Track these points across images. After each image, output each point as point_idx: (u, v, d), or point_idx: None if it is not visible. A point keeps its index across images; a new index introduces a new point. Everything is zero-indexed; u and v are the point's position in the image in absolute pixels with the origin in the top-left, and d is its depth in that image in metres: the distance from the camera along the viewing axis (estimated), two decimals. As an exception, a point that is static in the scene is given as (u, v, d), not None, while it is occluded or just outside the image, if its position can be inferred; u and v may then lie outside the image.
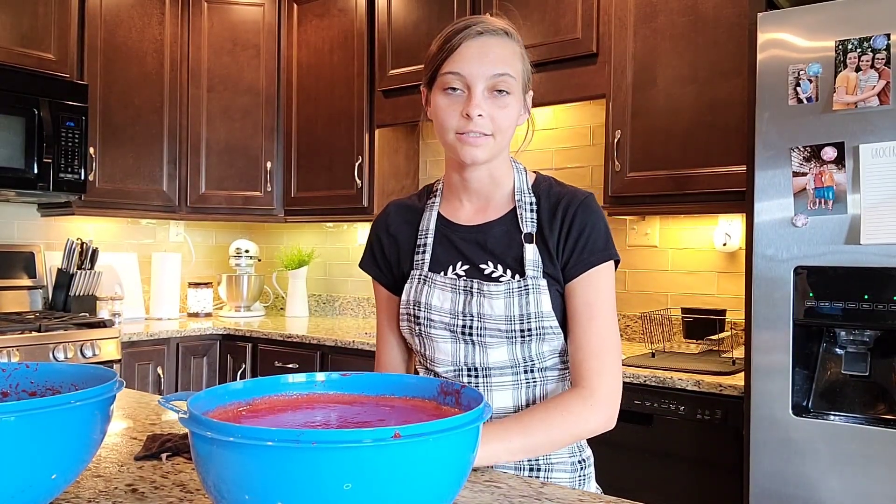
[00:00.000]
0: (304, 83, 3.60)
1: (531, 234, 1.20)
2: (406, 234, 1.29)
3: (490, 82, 1.15)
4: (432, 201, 1.29)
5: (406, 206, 1.32)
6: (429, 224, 1.27)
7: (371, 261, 1.33)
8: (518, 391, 1.21)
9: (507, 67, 1.16)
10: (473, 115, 1.13)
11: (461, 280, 1.20)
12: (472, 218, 1.25)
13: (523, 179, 1.26)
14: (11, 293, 3.24)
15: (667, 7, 2.49)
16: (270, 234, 4.30)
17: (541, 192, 1.24)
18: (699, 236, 2.81)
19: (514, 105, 1.18)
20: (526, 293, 1.17)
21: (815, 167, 1.84)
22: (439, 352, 1.22)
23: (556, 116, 3.14)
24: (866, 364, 1.85)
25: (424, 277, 1.23)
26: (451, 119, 1.16)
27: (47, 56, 3.10)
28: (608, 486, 1.45)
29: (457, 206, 1.27)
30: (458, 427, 0.75)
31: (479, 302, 1.18)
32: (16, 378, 1.03)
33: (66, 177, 3.08)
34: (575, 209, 1.20)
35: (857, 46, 1.79)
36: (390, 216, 1.32)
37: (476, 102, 1.13)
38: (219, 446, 0.71)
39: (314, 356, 3.10)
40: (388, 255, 1.30)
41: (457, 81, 1.15)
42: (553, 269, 1.19)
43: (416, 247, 1.26)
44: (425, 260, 1.24)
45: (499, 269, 1.20)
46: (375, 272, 1.32)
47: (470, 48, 1.15)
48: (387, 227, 1.31)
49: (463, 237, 1.24)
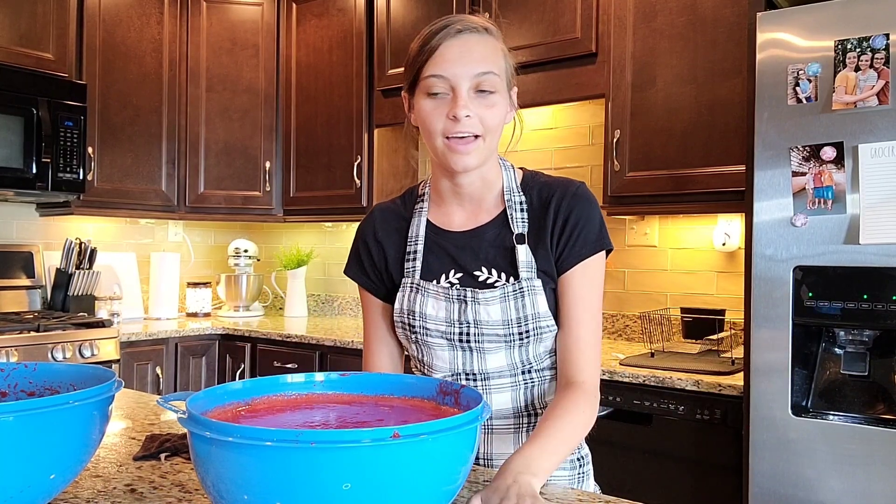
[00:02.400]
0: (303, 83, 3.60)
1: (522, 234, 1.19)
2: (394, 241, 1.26)
3: (474, 81, 1.12)
4: (420, 206, 1.26)
5: (392, 211, 1.29)
6: (418, 231, 1.24)
7: (358, 267, 1.29)
8: (517, 392, 1.21)
9: (490, 65, 1.13)
10: (461, 116, 1.10)
11: (454, 289, 1.18)
12: (464, 223, 1.23)
13: (511, 178, 1.23)
14: (10, 293, 3.24)
15: (666, 7, 2.49)
16: (269, 233, 4.30)
17: (531, 190, 1.22)
18: (698, 236, 2.81)
19: (500, 104, 1.15)
20: (521, 296, 1.16)
21: (814, 167, 1.84)
22: (437, 359, 1.21)
23: (555, 116, 3.14)
24: (865, 364, 1.85)
25: (417, 286, 1.21)
26: (437, 123, 1.12)
27: (46, 56, 3.10)
28: (607, 486, 1.45)
29: (447, 211, 1.24)
30: (457, 427, 0.75)
31: (474, 309, 1.16)
32: (14, 378, 1.03)
33: (64, 176, 3.08)
34: (568, 201, 1.18)
35: (856, 46, 1.79)
36: (377, 222, 1.28)
37: (462, 103, 1.11)
38: (218, 446, 0.71)
39: (313, 356, 3.10)
40: (375, 261, 1.27)
41: (440, 84, 1.12)
42: (548, 267, 1.18)
43: (406, 254, 1.24)
44: (416, 268, 1.22)
45: (493, 275, 1.18)
46: (363, 279, 1.29)
47: (451, 48, 1.12)
48: (374, 232, 1.28)
49: (455, 244, 1.22)
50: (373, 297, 1.29)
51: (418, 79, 1.14)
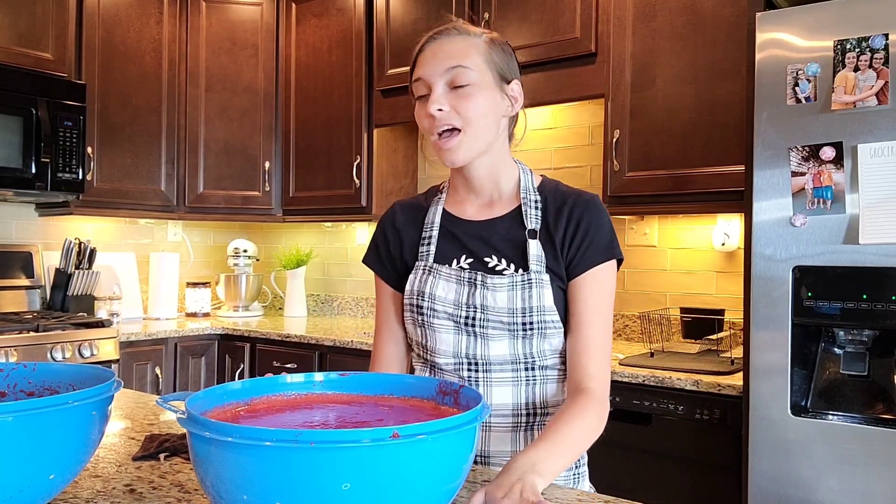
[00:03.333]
0: (302, 83, 3.60)
1: (535, 230, 1.22)
2: (411, 230, 1.31)
3: (446, 77, 1.17)
4: (438, 198, 1.32)
5: (411, 205, 1.35)
6: (434, 218, 1.29)
7: (375, 257, 1.35)
8: (518, 388, 1.21)
9: (460, 60, 1.17)
10: (433, 110, 1.17)
11: (465, 272, 1.22)
12: (478, 214, 1.28)
13: (529, 179, 1.28)
14: (9, 293, 3.24)
15: (665, 7, 2.49)
16: (269, 233, 4.30)
17: (547, 193, 1.27)
18: (698, 236, 2.81)
19: (479, 95, 1.18)
20: (529, 286, 1.18)
21: (813, 167, 1.84)
22: (441, 342, 1.23)
23: (554, 116, 3.14)
24: (865, 364, 1.85)
25: (430, 268, 1.25)
26: (423, 123, 1.21)
27: (45, 56, 3.10)
28: (607, 486, 1.45)
29: (462, 200, 1.30)
30: (456, 427, 0.75)
31: (482, 294, 1.20)
32: (14, 378, 1.03)
33: (64, 176, 3.08)
34: (581, 208, 1.22)
35: (855, 46, 1.79)
36: (396, 213, 1.35)
37: (433, 98, 1.17)
38: (217, 446, 0.71)
39: (312, 356, 3.10)
40: (392, 250, 1.32)
41: (421, 87, 1.20)
42: (556, 266, 1.20)
43: (421, 240, 1.29)
44: (430, 252, 1.27)
45: (502, 263, 1.22)
46: (379, 268, 1.34)
47: (425, 52, 1.20)
48: (393, 222, 1.33)
49: (467, 232, 1.26)
50: (386, 285, 1.33)
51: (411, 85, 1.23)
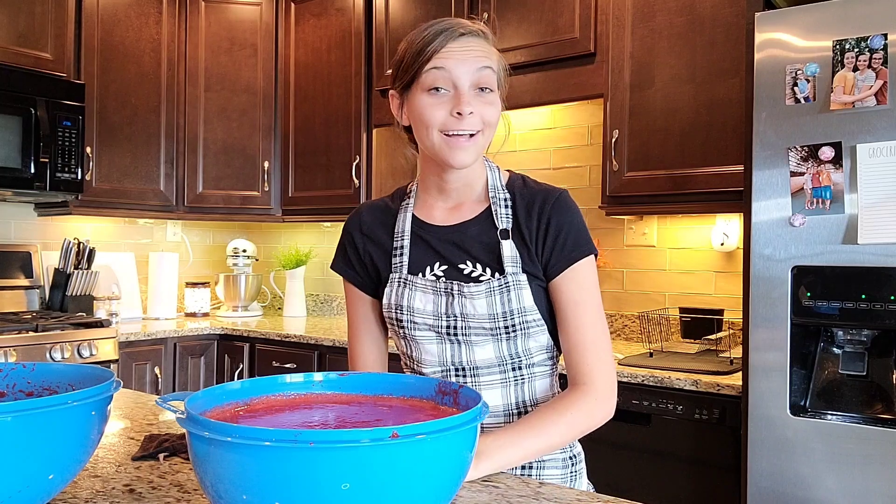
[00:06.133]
0: (301, 83, 3.60)
1: (507, 230, 1.20)
2: (380, 235, 1.28)
3: (475, 77, 1.14)
4: (406, 202, 1.28)
5: (378, 208, 1.31)
6: (404, 226, 1.25)
7: (344, 262, 1.31)
8: (507, 389, 1.21)
9: (489, 62, 1.17)
10: (465, 112, 1.13)
11: (441, 281, 1.20)
12: (447, 218, 1.25)
13: (496, 177, 1.25)
14: (8, 293, 3.24)
15: (664, 7, 2.50)
16: (268, 233, 4.30)
17: (515, 190, 1.24)
18: (697, 236, 2.81)
19: (497, 102, 1.18)
20: (507, 290, 1.17)
21: (812, 167, 1.84)
22: (425, 353, 1.22)
23: (553, 116, 3.14)
24: (864, 363, 1.85)
25: (404, 280, 1.22)
26: (437, 116, 1.14)
27: (44, 55, 3.10)
28: (606, 486, 1.45)
29: (431, 206, 1.26)
30: (455, 427, 0.75)
31: (461, 303, 1.18)
32: (12, 378, 1.03)
33: (62, 176, 3.08)
34: (551, 207, 1.20)
35: (854, 46, 1.79)
36: (363, 216, 1.30)
37: (466, 100, 1.13)
38: (216, 446, 0.71)
39: (312, 356, 3.10)
40: (361, 255, 1.29)
41: (443, 80, 1.14)
42: (532, 266, 1.19)
43: (393, 249, 1.25)
44: (403, 262, 1.23)
45: (478, 269, 1.20)
46: (351, 275, 1.30)
47: (453, 49, 1.15)
48: (360, 226, 1.29)
49: (439, 237, 1.23)
50: (358, 290, 1.31)
51: (417, 76, 1.16)
